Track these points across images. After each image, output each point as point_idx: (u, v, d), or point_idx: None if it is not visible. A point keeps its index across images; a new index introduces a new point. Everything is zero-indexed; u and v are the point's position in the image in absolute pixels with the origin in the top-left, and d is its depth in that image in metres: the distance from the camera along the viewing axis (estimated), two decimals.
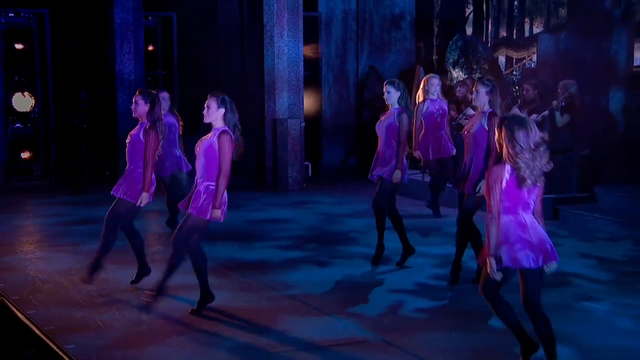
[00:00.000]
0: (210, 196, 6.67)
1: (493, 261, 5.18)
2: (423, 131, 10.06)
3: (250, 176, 14.11)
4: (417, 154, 10.25)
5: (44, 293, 7.62)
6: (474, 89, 7.76)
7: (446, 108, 10.43)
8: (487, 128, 7.31)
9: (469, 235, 7.74)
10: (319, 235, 10.17)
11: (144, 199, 7.39)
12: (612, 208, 10.67)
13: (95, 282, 7.92)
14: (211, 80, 14.86)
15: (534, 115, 11.45)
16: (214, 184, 6.65)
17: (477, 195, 7.42)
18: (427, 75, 9.91)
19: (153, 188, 7.51)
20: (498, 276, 5.23)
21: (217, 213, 6.68)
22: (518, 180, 5.17)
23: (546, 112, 11.23)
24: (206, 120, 6.81)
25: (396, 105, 8.54)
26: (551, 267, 5.33)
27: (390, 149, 8.45)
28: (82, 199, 12.42)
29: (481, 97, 7.50)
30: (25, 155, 14.06)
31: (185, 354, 6.02)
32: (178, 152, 9.90)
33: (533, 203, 5.31)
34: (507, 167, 5.21)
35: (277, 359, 5.91)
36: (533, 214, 5.33)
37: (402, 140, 8.46)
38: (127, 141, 7.63)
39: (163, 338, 6.36)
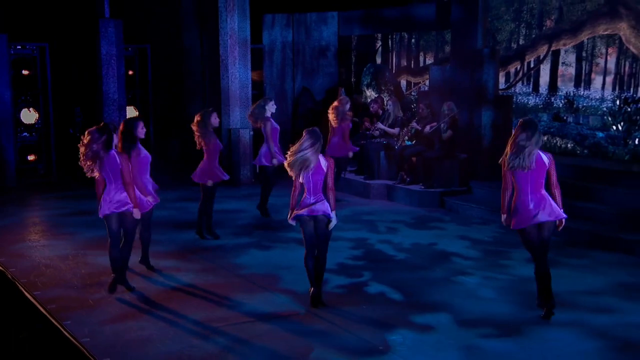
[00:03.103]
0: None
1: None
2: None
3: None
4: None
5: (46, 276, 7.47)
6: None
7: None
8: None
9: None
10: (263, 223, 10.04)
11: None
12: (483, 199, 10.85)
13: (87, 267, 7.85)
14: (178, 98, 14.71)
15: (427, 127, 11.67)
16: None
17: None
18: None
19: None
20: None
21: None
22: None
23: (435, 124, 11.44)
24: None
25: (268, 114, 9.92)
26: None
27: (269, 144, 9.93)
28: (76, 194, 12.18)
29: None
30: (31, 157, 13.74)
31: (159, 327, 5.98)
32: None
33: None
34: None
35: (230, 330, 5.89)
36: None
37: (274, 138, 10.04)
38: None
39: (141, 314, 6.33)
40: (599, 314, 6.27)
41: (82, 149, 6.69)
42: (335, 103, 11.37)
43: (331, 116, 11.20)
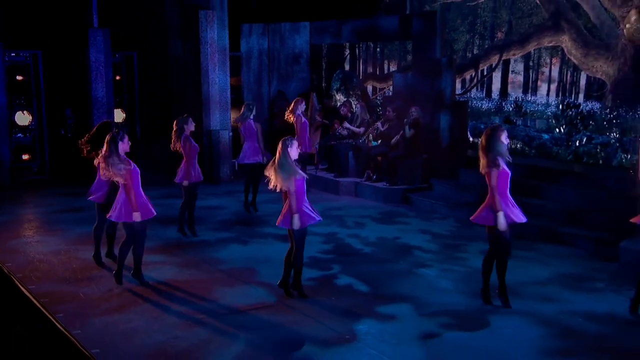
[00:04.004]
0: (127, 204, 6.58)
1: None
2: None
3: None
4: None
5: (40, 271, 7.34)
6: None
7: None
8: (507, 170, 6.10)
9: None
10: (242, 219, 9.93)
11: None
12: (442, 195, 10.91)
13: (78, 262, 7.73)
14: (163, 102, 14.52)
15: (396, 137, 11.68)
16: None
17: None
18: None
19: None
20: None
21: (137, 215, 6.60)
22: None
23: (401, 133, 11.47)
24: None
25: (251, 118, 9.97)
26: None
27: (253, 143, 9.89)
28: (67, 192, 11.96)
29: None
30: (25, 157, 13.51)
31: (145, 319, 5.93)
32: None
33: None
34: None
35: (211, 321, 5.86)
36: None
37: (259, 138, 10.01)
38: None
39: (129, 306, 6.26)
40: (544, 303, 6.36)
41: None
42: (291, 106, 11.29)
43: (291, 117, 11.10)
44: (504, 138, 6.11)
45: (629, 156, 10.29)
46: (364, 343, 5.40)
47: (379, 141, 12.02)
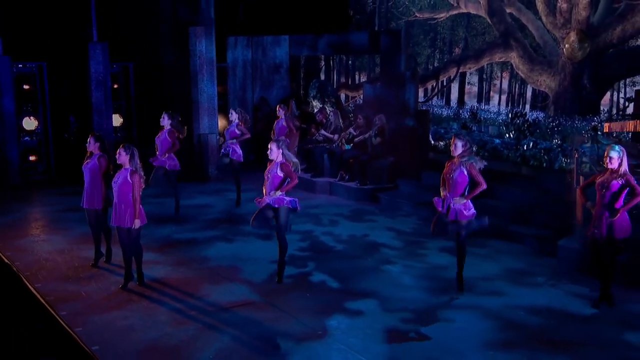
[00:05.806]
0: (131, 211, 6.48)
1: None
2: None
3: (185, 171, 13.76)
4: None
5: (46, 270, 7.23)
6: (452, 142, 6.41)
7: None
8: (466, 174, 6.32)
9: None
10: (228, 217, 9.79)
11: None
12: (407, 194, 10.95)
13: (80, 260, 7.65)
14: (157, 108, 14.37)
15: (361, 137, 11.73)
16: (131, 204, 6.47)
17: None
18: None
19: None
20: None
21: (137, 222, 6.54)
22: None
23: (367, 135, 11.53)
24: (118, 162, 6.56)
25: (236, 121, 10.13)
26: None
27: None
28: (70, 191, 11.78)
29: (458, 149, 6.31)
30: (32, 158, 13.31)
31: (140, 317, 5.91)
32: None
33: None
34: None
35: (199, 318, 5.84)
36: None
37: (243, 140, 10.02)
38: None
39: (125, 304, 6.23)
40: (491, 297, 6.46)
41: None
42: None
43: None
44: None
45: (568, 160, 10.45)
46: (334, 338, 5.45)
47: (351, 145, 12.06)
